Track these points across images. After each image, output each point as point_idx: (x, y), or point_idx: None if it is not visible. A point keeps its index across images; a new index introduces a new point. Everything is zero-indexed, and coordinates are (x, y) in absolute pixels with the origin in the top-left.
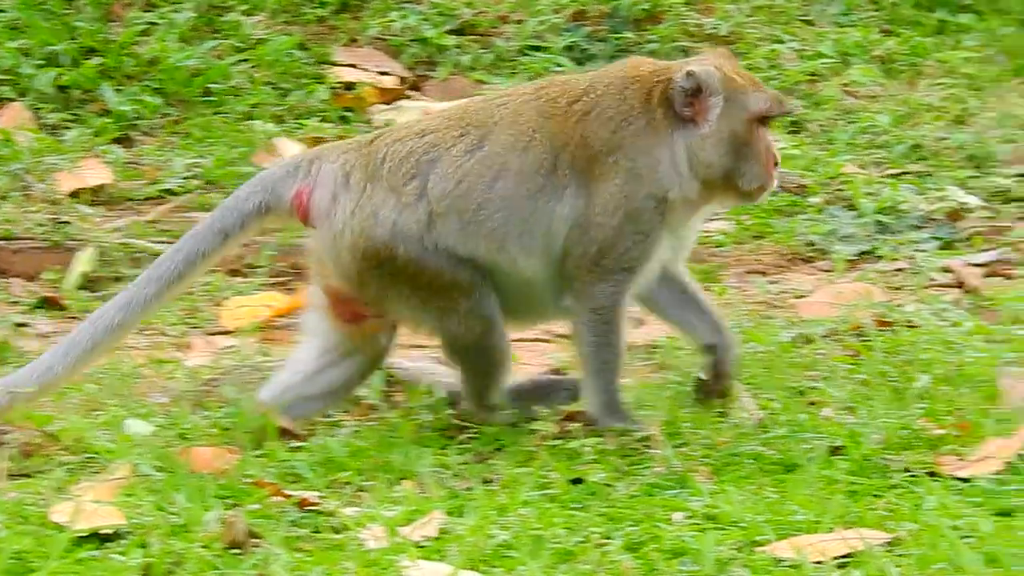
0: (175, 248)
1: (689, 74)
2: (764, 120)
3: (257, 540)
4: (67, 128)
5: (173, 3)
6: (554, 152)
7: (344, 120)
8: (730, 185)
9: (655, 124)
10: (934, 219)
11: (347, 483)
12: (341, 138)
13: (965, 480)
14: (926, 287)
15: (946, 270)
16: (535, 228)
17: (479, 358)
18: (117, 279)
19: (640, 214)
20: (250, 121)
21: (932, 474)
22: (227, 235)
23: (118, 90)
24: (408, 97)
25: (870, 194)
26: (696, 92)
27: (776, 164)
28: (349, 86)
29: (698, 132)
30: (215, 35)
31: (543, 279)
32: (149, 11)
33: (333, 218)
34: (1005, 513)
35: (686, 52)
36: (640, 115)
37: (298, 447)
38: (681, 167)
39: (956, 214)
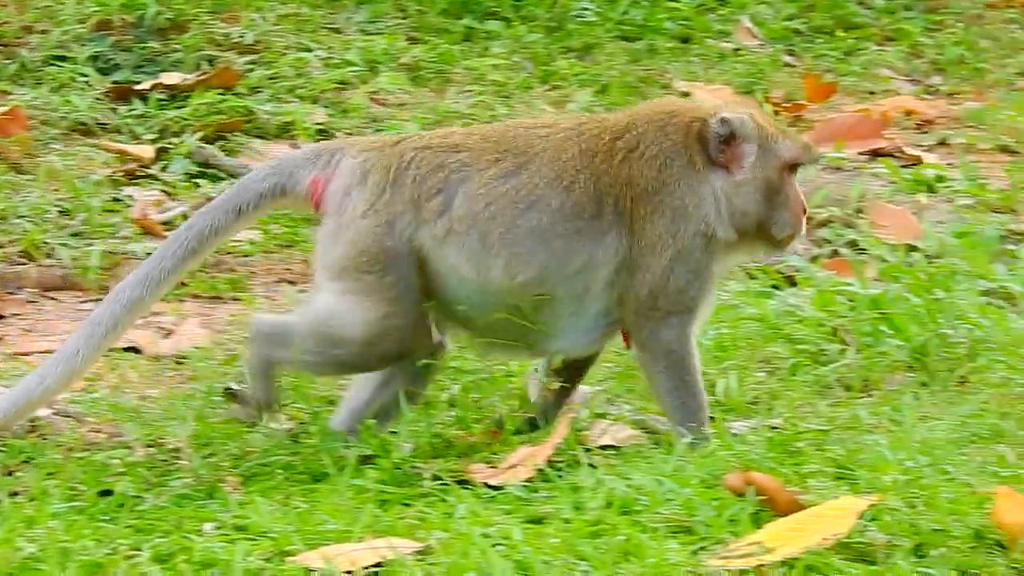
0: (189, 224)
1: (723, 120)
2: (794, 168)
3: None
4: None
5: None
6: (598, 196)
7: None
8: (763, 233)
9: (695, 162)
10: None
11: None
12: None
13: (496, 488)
14: None
15: None
16: (563, 265)
17: (343, 359)
18: None
19: (689, 252)
20: None
21: (463, 482)
22: (241, 212)
23: None
24: None
25: None
26: (730, 139)
27: (804, 211)
28: None
29: (732, 179)
30: None
31: (553, 314)
32: None
33: (342, 212)
34: (535, 520)
35: (211, 61)
36: (682, 152)
37: None
38: (721, 208)
39: None
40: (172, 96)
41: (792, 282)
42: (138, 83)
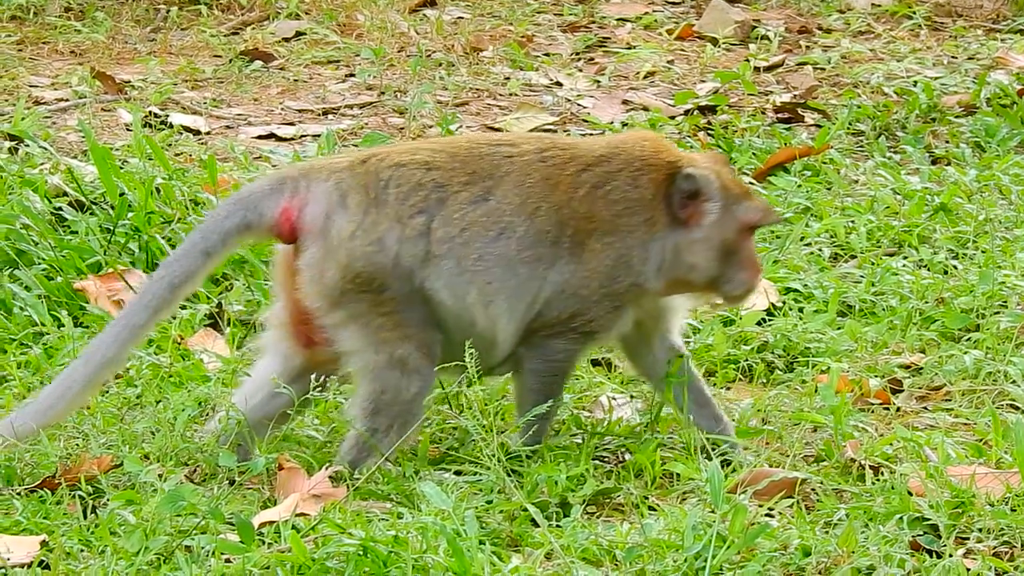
0: (159, 274)
1: (688, 176)
2: (752, 229)
3: None
4: None
5: None
6: (559, 225)
7: None
8: (713, 288)
9: (655, 218)
10: None
11: None
12: None
13: None
14: None
15: None
16: (526, 293)
17: (394, 416)
18: None
19: (619, 295)
20: None
21: None
22: (209, 255)
23: None
24: None
25: None
26: (694, 195)
27: (759, 270)
28: None
29: (689, 235)
30: None
31: (509, 339)
32: None
33: (328, 236)
34: None
35: None
36: (647, 207)
37: None
38: (665, 266)
39: None
40: None
41: None
42: None
